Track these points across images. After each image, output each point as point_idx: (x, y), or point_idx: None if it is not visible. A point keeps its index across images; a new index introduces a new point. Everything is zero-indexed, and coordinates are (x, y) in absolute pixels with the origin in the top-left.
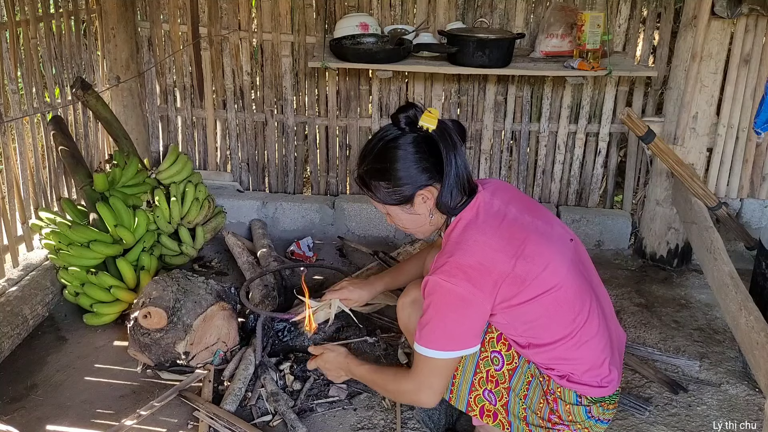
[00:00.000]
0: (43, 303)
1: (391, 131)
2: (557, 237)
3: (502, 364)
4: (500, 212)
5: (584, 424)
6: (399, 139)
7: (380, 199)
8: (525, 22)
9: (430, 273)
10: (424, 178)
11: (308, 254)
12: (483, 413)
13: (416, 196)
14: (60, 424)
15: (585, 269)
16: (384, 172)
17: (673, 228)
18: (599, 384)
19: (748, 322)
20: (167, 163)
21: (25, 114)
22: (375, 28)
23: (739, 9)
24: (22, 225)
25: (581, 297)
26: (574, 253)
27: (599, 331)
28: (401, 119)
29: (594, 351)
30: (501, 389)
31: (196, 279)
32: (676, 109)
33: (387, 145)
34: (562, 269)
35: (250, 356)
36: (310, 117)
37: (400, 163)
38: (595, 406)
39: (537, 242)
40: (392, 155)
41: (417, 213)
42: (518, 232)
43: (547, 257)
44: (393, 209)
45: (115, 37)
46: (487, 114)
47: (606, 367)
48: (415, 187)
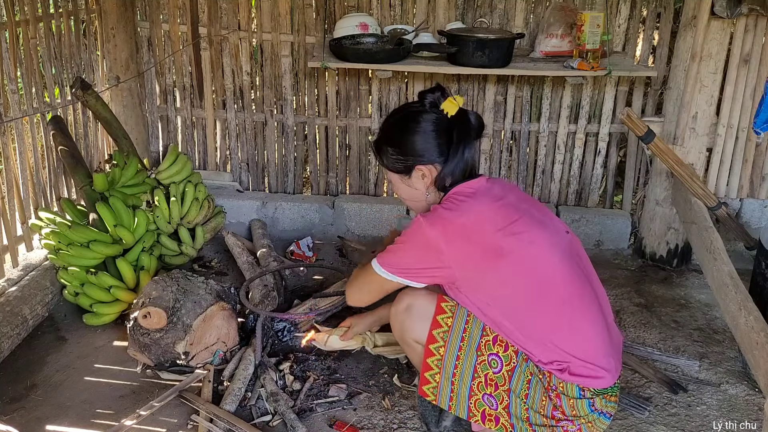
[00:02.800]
0: (42, 303)
1: (415, 106)
2: (552, 226)
3: (500, 366)
4: (498, 195)
5: (588, 417)
6: (419, 115)
7: (385, 164)
8: (525, 22)
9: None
10: (427, 155)
11: (308, 254)
12: (485, 418)
13: (415, 170)
14: (60, 424)
15: (581, 262)
16: (393, 139)
17: (673, 228)
18: (599, 374)
19: (747, 322)
20: (167, 163)
21: (24, 114)
22: (375, 28)
23: (738, 9)
24: (22, 225)
25: (573, 283)
26: (569, 245)
27: (596, 320)
28: (427, 98)
29: (591, 340)
30: (501, 392)
31: (196, 279)
32: (676, 109)
33: (406, 116)
34: (551, 252)
35: (249, 356)
36: (309, 117)
37: (409, 135)
38: (598, 398)
39: (528, 223)
40: (406, 126)
41: (414, 187)
42: (512, 213)
43: (535, 236)
44: (393, 176)
45: (115, 37)
46: (486, 114)
47: (605, 357)
48: (416, 161)
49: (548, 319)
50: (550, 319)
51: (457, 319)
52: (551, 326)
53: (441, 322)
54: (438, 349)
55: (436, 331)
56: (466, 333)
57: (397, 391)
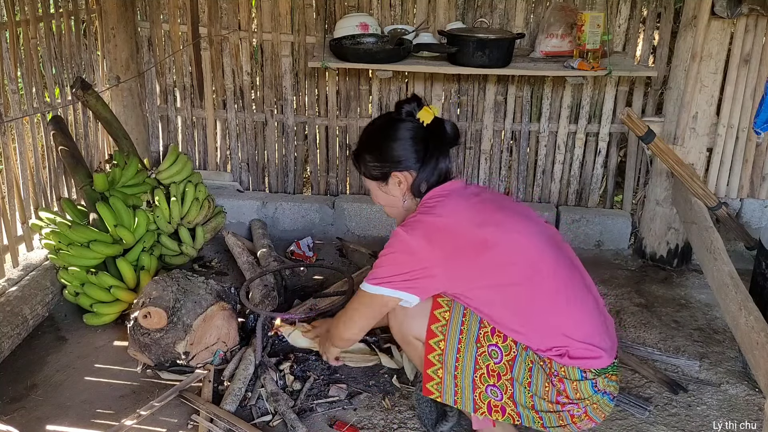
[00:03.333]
0: (43, 303)
1: (391, 115)
2: (530, 217)
3: (501, 356)
4: (474, 193)
5: (592, 399)
6: (395, 123)
7: (363, 172)
8: (525, 22)
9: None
10: (404, 162)
11: (308, 254)
12: (491, 409)
13: (392, 176)
14: (60, 424)
15: (564, 249)
16: (371, 147)
17: (673, 228)
18: (598, 354)
19: (748, 322)
20: (167, 163)
21: (25, 114)
22: (375, 28)
23: (739, 9)
24: (22, 225)
25: (561, 267)
26: (551, 235)
27: (587, 301)
28: (403, 107)
29: (586, 321)
30: (504, 382)
31: (196, 279)
32: (676, 109)
33: (383, 125)
34: (536, 239)
35: (250, 356)
36: (310, 117)
37: (387, 143)
38: (600, 378)
39: (508, 215)
40: (383, 134)
41: (391, 193)
42: (490, 207)
43: (517, 226)
44: (371, 184)
45: (115, 37)
46: (487, 114)
47: (600, 336)
48: (393, 167)
49: (544, 304)
50: (545, 304)
51: (455, 312)
52: (548, 310)
53: (438, 317)
54: (438, 344)
55: (435, 326)
56: (464, 326)
57: (397, 391)
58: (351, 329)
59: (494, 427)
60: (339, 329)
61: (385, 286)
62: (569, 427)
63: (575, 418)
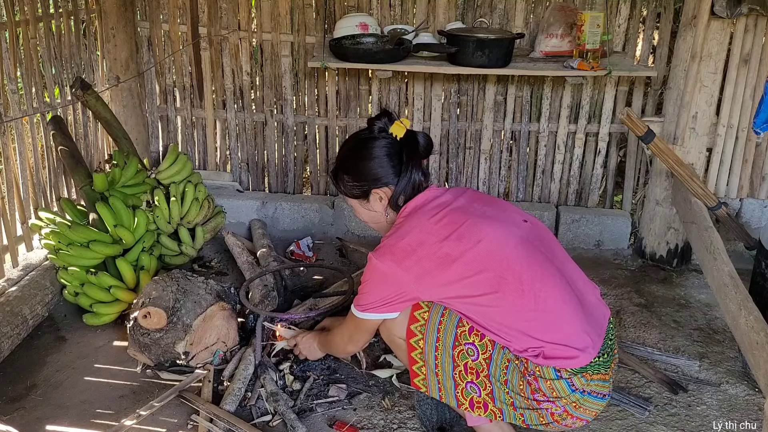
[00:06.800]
0: (42, 303)
1: (364, 133)
2: (505, 218)
3: (477, 354)
4: (445, 203)
5: (570, 398)
6: (369, 141)
7: (343, 191)
8: (525, 22)
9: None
10: (382, 179)
11: (308, 254)
12: (473, 405)
13: (372, 194)
14: (60, 424)
15: (543, 246)
16: (348, 167)
17: (673, 228)
18: (573, 354)
19: (747, 322)
20: (167, 163)
21: (24, 114)
22: (375, 28)
23: (738, 9)
24: (22, 225)
25: (532, 267)
26: (528, 233)
27: (564, 300)
28: (375, 124)
29: (562, 321)
30: (483, 379)
31: (196, 279)
32: (676, 109)
33: (357, 145)
34: (503, 243)
35: (249, 356)
36: (309, 117)
37: (364, 162)
38: (576, 377)
39: (473, 223)
40: (359, 153)
41: (373, 210)
42: (457, 217)
43: (482, 234)
44: (353, 202)
45: (115, 37)
46: (486, 114)
47: (578, 335)
48: (372, 185)
49: (512, 310)
50: (514, 310)
51: (433, 312)
52: (516, 316)
53: (418, 317)
54: (418, 343)
55: (414, 326)
56: (441, 325)
57: (396, 391)
58: (356, 345)
59: (490, 424)
60: (343, 344)
61: (370, 311)
62: (553, 425)
63: (556, 416)
